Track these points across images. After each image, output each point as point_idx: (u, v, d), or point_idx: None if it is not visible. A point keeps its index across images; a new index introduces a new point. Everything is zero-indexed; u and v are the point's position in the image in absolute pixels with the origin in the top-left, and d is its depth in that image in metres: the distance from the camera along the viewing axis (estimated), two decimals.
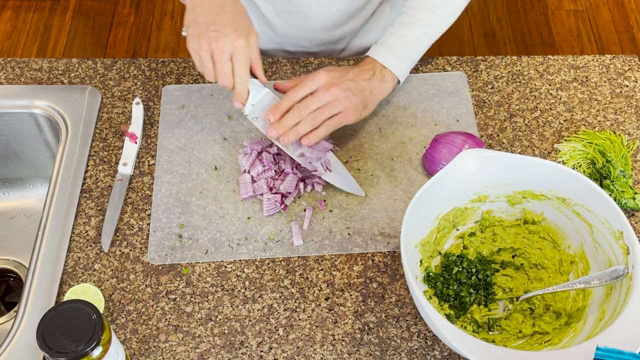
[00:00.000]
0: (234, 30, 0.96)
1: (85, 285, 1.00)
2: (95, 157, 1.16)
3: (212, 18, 0.97)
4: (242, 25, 0.98)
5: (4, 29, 2.63)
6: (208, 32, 0.96)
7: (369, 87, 1.09)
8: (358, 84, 1.08)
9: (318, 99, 1.03)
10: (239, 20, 0.98)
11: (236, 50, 0.96)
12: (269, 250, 1.06)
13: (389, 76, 1.13)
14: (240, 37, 0.96)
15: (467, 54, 2.57)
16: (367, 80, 1.09)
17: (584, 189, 0.96)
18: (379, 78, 1.11)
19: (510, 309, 1.00)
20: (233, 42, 0.96)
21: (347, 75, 1.08)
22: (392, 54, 1.12)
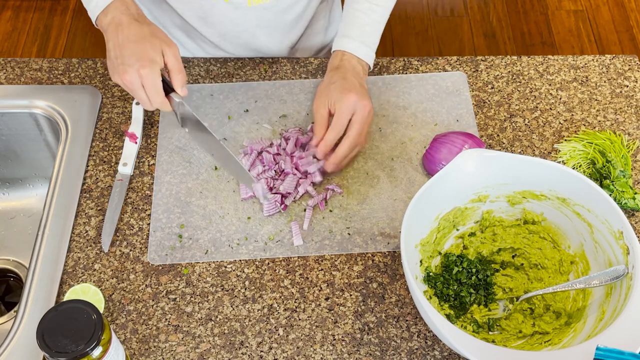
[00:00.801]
0: (137, 60, 0.99)
1: (85, 285, 1.00)
2: (95, 157, 1.16)
3: (119, 51, 1.01)
4: (145, 52, 1.00)
5: (4, 29, 2.63)
6: (117, 67, 1.01)
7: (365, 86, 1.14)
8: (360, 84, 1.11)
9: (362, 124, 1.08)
10: (142, 47, 1.00)
11: (142, 79, 1.00)
12: (269, 250, 1.06)
13: (365, 66, 1.16)
14: (142, 67, 0.99)
15: (467, 54, 2.57)
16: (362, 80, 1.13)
17: (584, 189, 0.96)
18: (364, 72, 1.15)
19: (510, 309, 1.00)
20: (137, 72, 0.99)
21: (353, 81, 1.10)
22: (363, 45, 1.15)
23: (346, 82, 1.10)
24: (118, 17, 1.03)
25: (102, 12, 1.04)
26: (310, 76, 1.26)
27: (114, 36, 1.02)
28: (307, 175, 1.11)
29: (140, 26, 1.02)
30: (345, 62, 1.14)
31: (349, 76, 1.11)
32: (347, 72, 1.12)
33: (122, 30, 1.01)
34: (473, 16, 2.71)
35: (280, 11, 1.23)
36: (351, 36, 1.16)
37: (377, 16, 1.17)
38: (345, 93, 1.07)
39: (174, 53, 1.02)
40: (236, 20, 1.22)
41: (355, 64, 1.14)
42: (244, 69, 1.26)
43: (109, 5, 1.04)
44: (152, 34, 1.02)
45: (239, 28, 1.24)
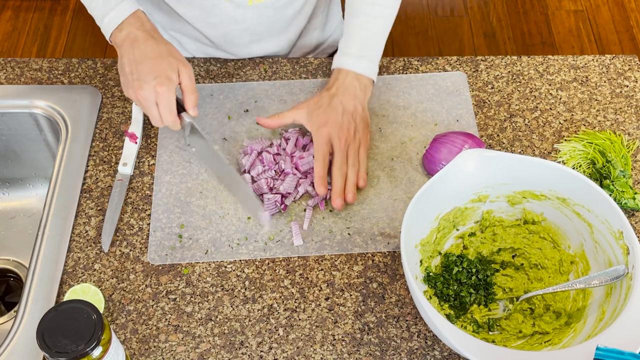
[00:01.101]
0: (154, 78, 1.00)
1: (85, 285, 1.00)
2: (95, 157, 1.16)
3: (135, 67, 1.02)
4: (162, 70, 1.00)
5: (4, 29, 2.63)
6: (132, 82, 1.02)
7: (360, 106, 1.12)
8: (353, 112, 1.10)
9: (341, 152, 1.08)
10: (160, 65, 1.01)
11: (157, 97, 1.00)
12: (269, 250, 1.06)
13: (366, 81, 1.14)
14: (160, 84, 1.00)
15: (467, 54, 2.57)
16: (354, 101, 1.12)
17: (584, 189, 0.96)
18: (361, 89, 1.13)
19: (510, 309, 1.00)
20: (154, 89, 1.00)
21: (338, 110, 1.09)
22: (363, 60, 1.14)
23: (329, 110, 1.09)
24: (134, 32, 1.03)
25: (117, 28, 1.05)
26: (310, 76, 1.26)
27: (130, 52, 1.03)
28: (307, 176, 1.11)
29: (157, 43, 1.03)
30: (340, 82, 1.13)
31: (337, 100, 1.10)
32: (337, 94, 1.11)
33: (138, 47, 1.02)
34: (473, 16, 2.71)
35: (280, 7, 1.23)
36: (349, 52, 1.14)
37: (375, 29, 1.15)
38: (320, 128, 1.08)
39: (189, 73, 1.03)
40: (237, 19, 1.22)
41: (352, 81, 1.13)
42: (244, 69, 1.26)
43: (124, 21, 1.04)
44: (169, 52, 1.03)
45: (240, 27, 1.24)
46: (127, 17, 1.04)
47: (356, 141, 1.10)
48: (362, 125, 1.11)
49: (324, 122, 1.08)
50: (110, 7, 1.05)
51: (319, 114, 1.10)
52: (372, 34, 1.15)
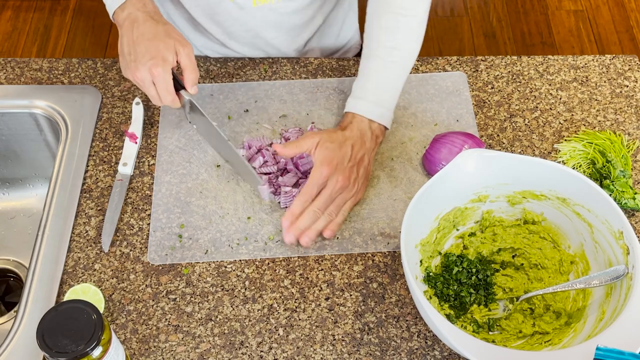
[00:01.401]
0: (150, 59, 1.00)
1: (85, 285, 1.00)
2: (95, 157, 1.16)
3: (133, 48, 1.02)
4: (158, 51, 1.00)
5: (4, 29, 2.63)
6: (129, 63, 1.02)
7: (367, 158, 1.09)
8: (359, 161, 1.07)
9: (329, 196, 1.04)
10: (156, 46, 1.01)
11: (154, 78, 1.01)
12: (269, 250, 1.06)
13: (378, 130, 1.11)
14: (154, 66, 1.00)
15: (467, 54, 2.57)
16: (363, 148, 1.08)
17: (584, 189, 0.96)
18: (372, 139, 1.10)
19: (510, 309, 1.00)
20: (149, 70, 1.00)
21: (346, 152, 1.05)
22: (377, 106, 1.10)
23: (339, 151, 1.05)
24: (134, 13, 1.04)
25: (120, 7, 1.05)
26: (310, 76, 1.26)
27: (129, 32, 1.03)
28: (307, 176, 1.11)
29: (156, 24, 1.03)
30: (354, 127, 1.09)
31: (349, 144, 1.06)
32: (350, 137, 1.07)
33: (137, 27, 1.02)
34: (473, 16, 2.71)
35: (287, 13, 1.22)
36: (365, 98, 1.10)
37: (393, 75, 1.11)
38: (323, 164, 1.03)
39: (187, 52, 1.02)
40: (241, 20, 1.22)
41: (365, 129, 1.09)
42: (244, 69, 1.26)
43: (127, 1, 1.05)
44: (167, 33, 1.02)
45: (245, 27, 1.23)
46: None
47: (349, 193, 1.06)
48: (362, 180, 1.08)
49: (330, 160, 1.04)
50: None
51: (328, 150, 1.05)
52: (388, 80, 1.11)
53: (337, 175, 1.04)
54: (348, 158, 1.06)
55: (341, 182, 1.04)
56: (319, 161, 1.05)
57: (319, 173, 1.04)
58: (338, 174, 1.04)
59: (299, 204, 1.03)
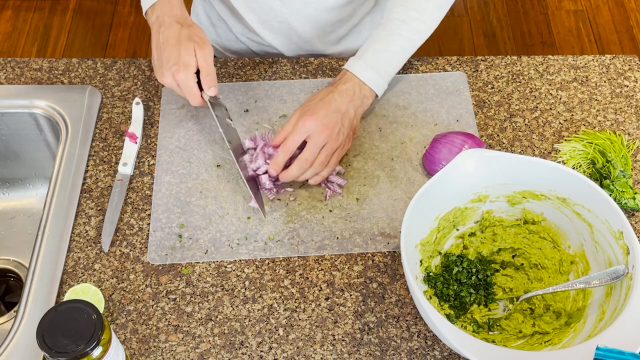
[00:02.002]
0: (173, 64, 1.02)
1: (85, 285, 1.00)
2: (95, 157, 1.16)
3: (158, 54, 1.05)
4: (180, 56, 1.02)
5: (4, 29, 2.63)
6: (157, 69, 1.06)
7: (353, 110, 1.10)
8: (344, 113, 1.08)
9: (315, 146, 1.05)
10: (178, 51, 1.02)
11: (178, 83, 1.03)
12: (269, 250, 1.06)
13: (367, 92, 1.12)
14: (177, 72, 1.02)
15: (467, 54, 2.57)
16: (349, 103, 1.10)
17: (584, 189, 0.96)
18: (359, 97, 1.11)
19: (510, 309, 1.00)
20: (173, 77, 1.03)
21: (330, 106, 1.07)
22: (370, 69, 1.12)
23: (321, 103, 1.07)
24: (161, 17, 1.06)
25: (150, 7, 1.08)
26: (310, 76, 1.26)
27: (156, 37, 1.05)
28: None
29: (180, 28, 1.04)
30: (342, 82, 1.11)
31: (332, 97, 1.08)
32: (335, 90, 1.10)
33: (163, 32, 1.05)
34: (473, 16, 2.71)
35: (321, 10, 1.22)
36: (363, 58, 1.12)
37: (396, 46, 1.13)
38: (307, 116, 1.05)
39: (204, 54, 1.03)
40: (277, 10, 1.22)
41: (352, 86, 1.11)
42: (244, 69, 1.26)
43: (156, 2, 1.06)
44: (188, 37, 1.04)
45: (279, 18, 1.24)
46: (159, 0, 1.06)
47: (335, 143, 1.07)
48: (348, 130, 1.09)
49: (311, 112, 1.06)
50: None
51: (309, 105, 1.08)
52: (390, 49, 1.12)
53: (320, 127, 1.05)
54: (332, 110, 1.07)
55: (325, 134, 1.05)
56: (300, 113, 1.07)
57: (301, 125, 1.06)
58: (321, 126, 1.05)
59: (283, 153, 1.06)
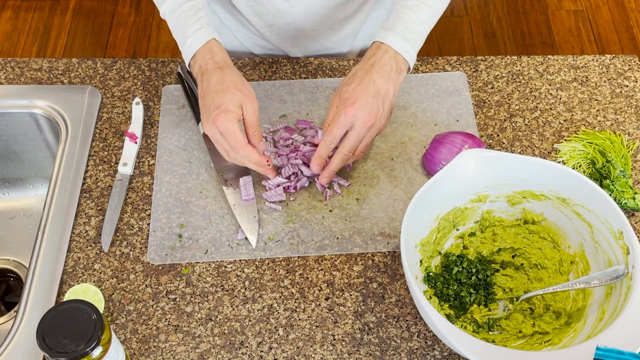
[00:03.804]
0: (213, 110, 1.01)
1: (85, 285, 1.00)
2: (95, 157, 1.16)
3: (203, 101, 1.03)
4: (222, 103, 1.00)
5: (4, 29, 2.63)
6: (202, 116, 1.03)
7: (392, 89, 1.05)
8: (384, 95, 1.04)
9: (357, 138, 1.04)
10: (222, 98, 1.01)
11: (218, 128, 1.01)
12: (269, 250, 1.06)
13: (402, 64, 1.07)
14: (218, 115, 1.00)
15: (467, 54, 2.57)
16: (388, 82, 1.04)
17: (584, 189, 0.96)
18: (397, 71, 1.05)
19: (510, 309, 1.00)
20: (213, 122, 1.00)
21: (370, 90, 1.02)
22: (404, 40, 1.06)
23: (360, 88, 1.02)
24: (204, 65, 1.04)
25: (192, 58, 1.06)
26: (310, 76, 1.26)
27: (200, 85, 1.04)
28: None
29: (224, 76, 1.03)
30: (378, 57, 1.05)
31: (371, 78, 1.03)
32: (372, 69, 1.04)
33: (206, 79, 1.03)
34: (473, 16, 2.71)
35: (329, 8, 1.22)
36: (394, 30, 1.06)
37: (424, 16, 1.09)
38: (348, 105, 1.01)
39: (252, 108, 1.03)
40: (284, 11, 1.22)
41: (389, 59, 1.05)
42: (243, 69, 1.26)
43: (197, 52, 1.05)
44: (235, 85, 1.02)
45: (287, 19, 1.23)
46: (199, 49, 1.05)
47: (376, 130, 1.05)
48: (387, 114, 1.05)
49: (353, 101, 1.01)
50: (188, 35, 1.06)
51: (349, 91, 1.03)
52: (419, 20, 1.08)
53: (363, 116, 1.02)
54: (372, 94, 1.02)
55: (369, 123, 1.03)
56: (342, 103, 1.03)
57: (344, 116, 1.02)
58: (364, 116, 1.02)
59: (326, 146, 1.05)
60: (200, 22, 1.06)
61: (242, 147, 1.01)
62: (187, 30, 1.06)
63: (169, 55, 2.57)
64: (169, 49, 2.59)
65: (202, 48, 1.05)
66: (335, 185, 1.11)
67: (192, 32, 1.05)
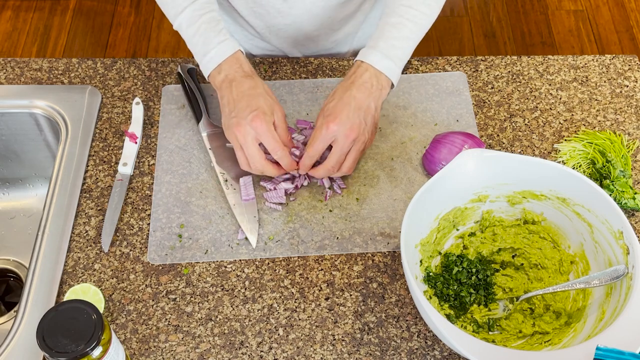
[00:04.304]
0: (251, 112, 1.01)
1: (85, 285, 1.00)
2: (95, 157, 1.16)
3: (234, 106, 1.03)
4: (258, 105, 1.02)
5: (4, 29, 2.63)
6: (231, 120, 1.03)
7: (374, 105, 1.07)
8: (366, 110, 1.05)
9: (341, 152, 1.04)
10: (256, 101, 1.02)
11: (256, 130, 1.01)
12: (269, 250, 1.06)
13: (384, 82, 1.08)
14: (256, 117, 1.01)
15: (467, 54, 2.57)
16: (369, 98, 1.06)
17: (584, 189, 0.96)
18: (378, 88, 1.07)
19: (510, 309, 1.00)
20: (250, 123, 1.01)
21: (351, 106, 1.04)
22: (386, 58, 1.08)
23: (340, 103, 1.04)
24: (232, 74, 1.05)
25: (216, 69, 1.06)
26: (310, 76, 1.26)
27: (228, 92, 1.04)
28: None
29: (255, 83, 1.05)
30: (357, 75, 1.06)
31: (351, 94, 1.04)
32: (352, 86, 1.05)
33: (236, 86, 1.04)
34: (473, 16, 2.71)
35: (329, 8, 1.22)
36: (376, 47, 1.07)
37: (407, 31, 1.09)
38: (330, 120, 1.03)
39: (283, 114, 1.05)
40: (284, 12, 1.22)
41: (369, 77, 1.06)
42: None
43: (223, 62, 1.05)
44: (266, 92, 1.04)
45: (286, 20, 1.23)
46: (226, 59, 1.05)
47: (361, 144, 1.05)
48: (371, 128, 1.07)
49: (334, 116, 1.03)
50: (211, 46, 1.06)
51: (330, 108, 1.04)
52: (402, 36, 1.09)
53: (345, 130, 1.03)
54: (353, 109, 1.04)
55: (351, 137, 1.03)
56: (324, 118, 1.04)
57: (325, 131, 1.03)
58: (346, 130, 1.03)
59: (308, 159, 1.05)
60: (223, 33, 1.06)
61: (280, 148, 1.03)
62: (211, 41, 1.06)
63: (169, 55, 2.57)
64: (169, 49, 2.59)
65: (230, 58, 1.05)
66: (335, 185, 1.11)
67: (216, 43, 1.05)
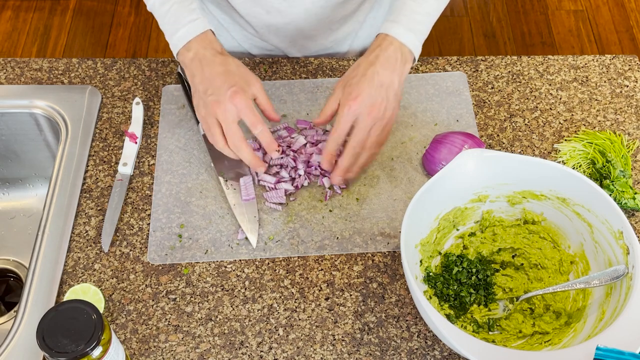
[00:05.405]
0: (229, 88, 0.99)
1: (85, 285, 1.00)
2: (95, 157, 1.16)
3: (209, 84, 1.00)
4: (236, 82, 1.00)
5: (4, 29, 2.64)
6: (208, 100, 1.00)
7: (397, 80, 1.03)
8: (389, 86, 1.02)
9: (365, 131, 1.02)
10: (232, 77, 1.00)
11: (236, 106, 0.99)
12: (269, 250, 1.06)
13: (408, 55, 1.04)
14: (236, 93, 0.98)
15: (467, 54, 2.57)
16: (392, 74, 1.03)
17: (584, 189, 0.96)
18: (402, 62, 1.04)
19: (510, 309, 1.00)
20: (231, 100, 0.98)
21: (373, 82, 1.01)
22: (409, 32, 1.04)
23: (364, 80, 1.01)
24: (201, 52, 1.03)
25: (185, 46, 1.04)
26: (310, 76, 1.26)
27: (199, 71, 1.02)
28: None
29: (226, 59, 1.02)
30: (382, 48, 1.03)
31: (375, 70, 1.01)
32: (376, 61, 1.02)
33: (207, 64, 1.02)
34: (473, 16, 2.71)
35: (328, 7, 1.21)
36: (398, 21, 1.04)
37: (428, 7, 1.07)
38: (351, 99, 1.00)
39: (261, 86, 1.03)
40: (283, 11, 1.21)
41: (394, 51, 1.03)
42: None
43: (192, 40, 1.04)
44: (239, 67, 1.02)
45: (286, 19, 1.23)
46: (195, 37, 1.04)
47: (384, 121, 1.02)
48: (394, 104, 1.03)
49: (355, 95, 1.00)
50: (182, 24, 1.05)
51: (352, 85, 1.01)
52: (423, 11, 1.06)
53: (367, 109, 1.00)
54: (375, 86, 1.01)
55: (373, 114, 1.01)
56: (345, 98, 1.02)
57: (347, 111, 1.01)
58: (367, 108, 1.00)
59: (333, 142, 1.03)
60: (195, 12, 1.05)
61: (260, 123, 1.01)
62: (181, 20, 1.05)
63: (169, 56, 2.56)
64: (168, 49, 2.58)
65: (199, 37, 1.04)
66: (335, 185, 1.11)
67: (187, 21, 1.04)
